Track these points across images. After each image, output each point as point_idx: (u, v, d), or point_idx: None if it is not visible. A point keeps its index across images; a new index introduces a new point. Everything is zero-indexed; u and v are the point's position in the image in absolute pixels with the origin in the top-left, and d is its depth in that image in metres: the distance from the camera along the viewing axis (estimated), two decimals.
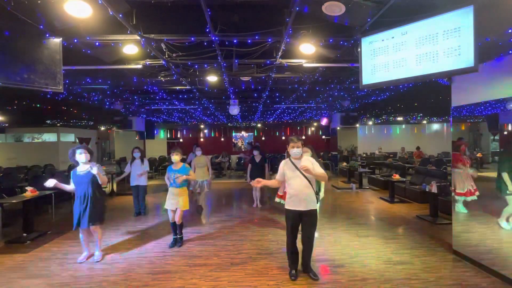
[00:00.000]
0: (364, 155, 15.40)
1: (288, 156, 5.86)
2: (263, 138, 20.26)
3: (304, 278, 3.45)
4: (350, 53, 4.46)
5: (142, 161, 6.54)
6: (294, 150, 3.43)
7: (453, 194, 4.19)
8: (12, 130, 13.89)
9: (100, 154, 17.88)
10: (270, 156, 15.46)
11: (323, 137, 16.77)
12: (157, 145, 17.07)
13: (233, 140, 19.76)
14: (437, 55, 3.05)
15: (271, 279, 3.46)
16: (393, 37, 3.38)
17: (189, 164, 6.17)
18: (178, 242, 4.58)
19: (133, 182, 6.48)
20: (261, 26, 3.83)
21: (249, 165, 7.19)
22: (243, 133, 19.99)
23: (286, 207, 3.48)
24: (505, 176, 3.72)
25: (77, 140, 15.11)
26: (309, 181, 3.39)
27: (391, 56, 3.41)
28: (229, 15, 3.68)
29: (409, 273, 3.56)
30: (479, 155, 4.51)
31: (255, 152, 7.20)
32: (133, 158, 6.52)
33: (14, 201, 5.08)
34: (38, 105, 8.10)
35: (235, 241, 4.74)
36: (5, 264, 3.99)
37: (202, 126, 19.35)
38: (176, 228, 4.60)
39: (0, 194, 5.86)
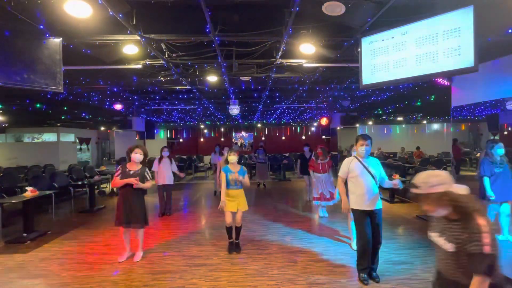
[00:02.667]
0: None
1: (317, 157, 5.91)
2: (263, 138, 20.26)
3: (304, 278, 3.45)
4: (350, 53, 4.46)
5: (170, 160, 6.47)
6: (362, 148, 3.29)
7: None
8: (12, 130, 13.88)
9: (100, 154, 17.88)
10: (271, 156, 15.47)
11: (323, 137, 16.78)
12: (157, 145, 17.06)
13: (233, 140, 19.76)
14: (437, 55, 3.05)
15: (271, 279, 3.45)
16: (393, 37, 3.38)
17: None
18: (236, 247, 4.32)
19: (161, 182, 6.31)
20: (261, 26, 3.83)
21: (299, 161, 7.91)
22: (243, 133, 19.98)
23: (354, 207, 3.35)
24: (486, 180, 3.67)
25: (77, 140, 15.10)
26: (376, 181, 3.31)
27: (391, 56, 3.42)
28: (229, 15, 3.68)
29: (409, 273, 3.55)
30: (478, 155, 4.51)
31: (306, 149, 7.89)
32: (162, 157, 6.40)
33: (14, 201, 5.08)
34: (38, 105, 8.10)
35: None
36: (5, 264, 3.99)
37: (202, 126, 19.34)
38: (232, 231, 4.36)
39: (0, 194, 5.86)
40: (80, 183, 7.68)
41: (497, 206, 3.76)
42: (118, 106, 8.55)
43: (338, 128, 12.50)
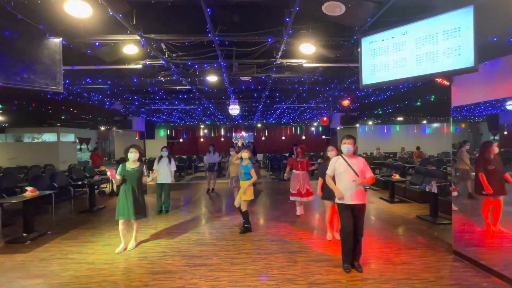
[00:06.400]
0: (364, 155, 15.40)
1: (297, 155, 6.18)
2: (263, 138, 20.27)
3: (304, 278, 3.46)
4: (350, 53, 4.46)
5: (169, 160, 6.63)
6: (345, 146, 3.56)
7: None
8: (12, 130, 13.89)
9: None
10: (270, 156, 15.48)
11: (323, 137, 16.81)
12: (157, 145, 17.12)
13: (233, 140, 19.76)
14: (437, 55, 3.05)
15: (271, 279, 3.45)
16: (393, 37, 3.38)
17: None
18: (245, 230, 5.12)
19: (159, 180, 6.57)
20: (261, 26, 3.83)
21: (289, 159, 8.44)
22: (243, 133, 19.99)
23: (338, 201, 3.59)
24: (482, 177, 3.86)
25: (77, 140, 15.11)
26: (359, 178, 3.49)
27: (391, 56, 3.41)
28: (229, 15, 3.68)
29: (409, 273, 3.55)
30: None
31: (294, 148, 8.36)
32: (161, 157, 6.62)
33: (14, 201, 5.07)
34: (38, 105, 8.10)
35: (235, 241, 4.74)
36: (5, 264, 3.99)
37: (202, 126, 19.34)
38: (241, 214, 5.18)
39: (0, 194, 5.86)
40: (80, 183, 7.68)
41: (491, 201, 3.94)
42: (118, 106, 8.56)
43: (338, 128, 12.49)
